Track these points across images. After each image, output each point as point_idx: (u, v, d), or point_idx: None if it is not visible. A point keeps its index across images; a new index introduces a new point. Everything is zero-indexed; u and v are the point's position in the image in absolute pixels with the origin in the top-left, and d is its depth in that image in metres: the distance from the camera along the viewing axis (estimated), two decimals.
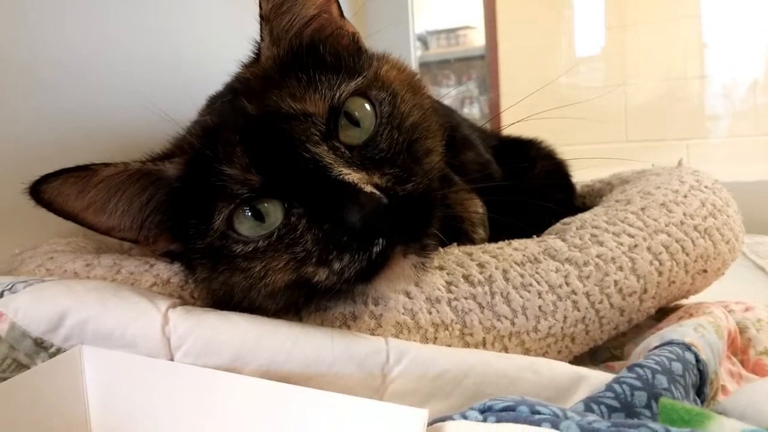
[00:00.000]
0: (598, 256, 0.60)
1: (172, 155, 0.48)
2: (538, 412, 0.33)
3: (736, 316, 0.63)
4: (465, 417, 0.34)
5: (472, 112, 3.23)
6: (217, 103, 0.53)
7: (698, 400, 0.49)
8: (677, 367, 0.47)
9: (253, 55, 0.54)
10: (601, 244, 0.61)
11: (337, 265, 0.43)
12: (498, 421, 0.33)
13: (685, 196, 0.68)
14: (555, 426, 0.32)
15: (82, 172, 0.44)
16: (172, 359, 0.43)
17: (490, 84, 2.79)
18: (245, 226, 0.45)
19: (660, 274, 0.61)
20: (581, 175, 1.07)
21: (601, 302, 0.58)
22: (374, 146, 0.48)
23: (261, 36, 0.51)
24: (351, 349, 0.44)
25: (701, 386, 0.49)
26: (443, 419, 0.34)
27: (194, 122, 0.54)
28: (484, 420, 0.33)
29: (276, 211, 0.44)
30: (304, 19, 0.52)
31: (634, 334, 0.65)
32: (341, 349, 0.43)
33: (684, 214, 0.65)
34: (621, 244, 0.61)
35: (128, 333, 0.43)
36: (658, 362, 0.47)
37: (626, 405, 0.44)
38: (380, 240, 0.43)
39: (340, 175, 0.43)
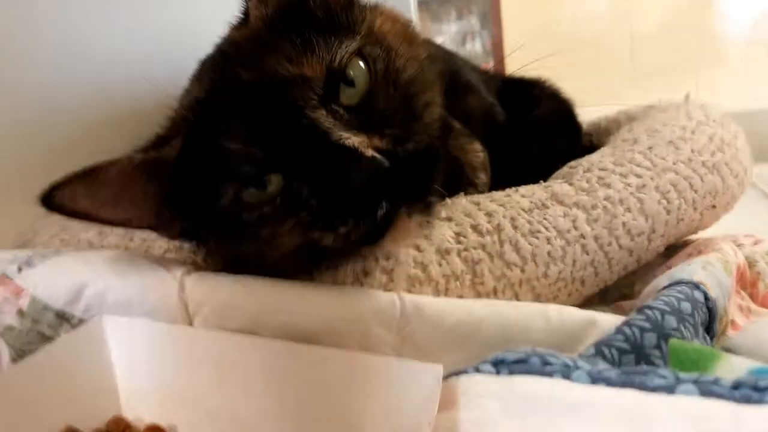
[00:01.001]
0: (605, 199, 0.60)
1: (171, 136, 0.47)
2: (549, 363, 0.34)
3: (745, 250, 0.64)
4: (479, 370, 0.35)
5: (475, 47, 3.17)
6: (209, 70, 0.51)
7: (707, 337, 0.50)
8: (686, 306, 0.48)
9: (242, 16, 0.52)
10: (608, 186, 0.61)
11: (343, 229, 0.44)
12: (511, 373, 0.34)
13: (693, 132, 0.67)
14: (566, 376, 0.33)
15: (89, 176, 0.44)
16: (191, 325, 0.44)
17: (492, 18, 2.73)
18: (248, 194, 0.44)
19: (668, 212, 0.62)
20: (586, 112, 1.06)
21: (609, 244, 0.58)
22: (371, 105, 0.47)
23: None
24: (365, 306, 0.44)
25: (710, 323, 0.50)
26: (457, 373, 0.35)
27: (186, 92, 0.52)
28: (498, 373, 0.34)
29: (278, 179, 0.44)
30: None
31: (644, 273, 0.65)
32: (356, 307, 0.44)
33: (692, 151, 0.65)
34: (629, 185, 0.61)
35: (146, 301, 0.44)
36: (667, 303, 0.47)
37: (636, 347, 0.45)
38: (384, 203, 0.43)
39: (341, 139, 0.42)
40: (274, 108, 0.43)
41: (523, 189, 0.62)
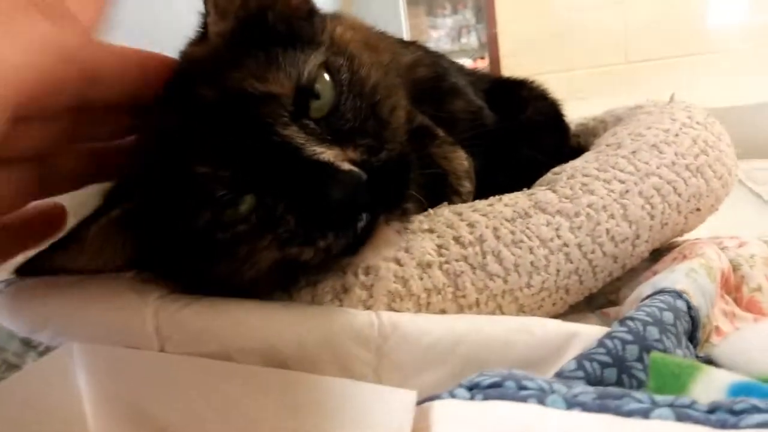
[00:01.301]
0: (589, 206, 0.59)
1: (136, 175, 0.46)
2: (525, 387, 0.33)
3: (729, 253, 0.63)
4: (453, 395, 0.34)
5: (470, 41, 3.17)
6: (169, 92, 0.47)
7: (691, 346, 0.49)
8: (668, 316, 0.47)
9: (200, 30, 0.50)
10: (591, 192, 0.60)
11: (322, 244, 0.43)
12: (485, 398, 0.33)
13: (677, 135, 0.67)
14: (541, 401, 0.32)
15: (69, 244, 0.44)
16: (162, 350, 0.43)
17: (486, 11, 2.72)
18: (223, 215, 0.43)
19: (652, 217, 0.61)
20: (578, 107, 1.05)
21: (593, 252, 0.58)
22: (339, 117, 0.47)
23: (206, 9, 0.47)
24: (342, 326, 0.44)
25: (694, 332, 0.50)
26: (432, 398, 0.35)
27: (150, 120, 0.47)
28: (472, 398, 0.34)
29: (251, 198, 0.43)
30: None
31: (629, 278, 0.65)
32: (333, 327, 0.44)
33: (675, 154, 0.64)
34: (612, 191, 0.61)
35: (116, 327, 0.44)
36: (649, 313, 0.47)
37: (618, 360, 0.44)
38: (363, 215, 0.43)
39: (315, 154, 0.42)
40: (243, 127, 0.42)
41: (507, 198, 0.61)
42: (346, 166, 0.42)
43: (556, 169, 0.66)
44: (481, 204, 0.60)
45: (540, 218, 0.58)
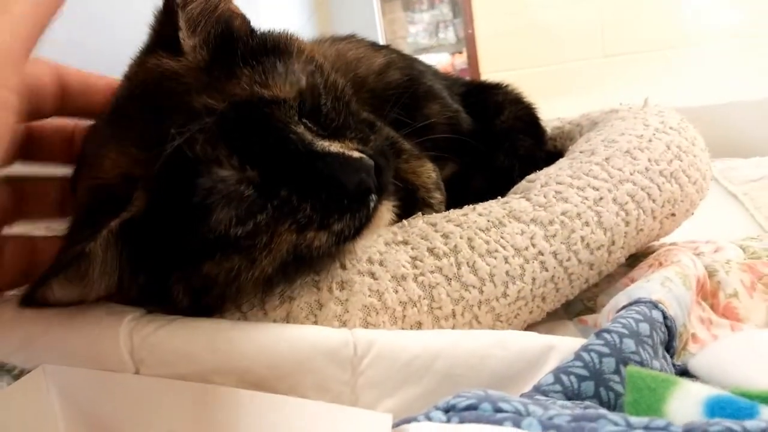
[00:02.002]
0: (563, 214, 0.59)
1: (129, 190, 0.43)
2: (501, 409, 0.33)
3: (705, 259, 0.64)
4: (429, 418, 0.34)
5: (447, 36, 3.16)
6: (151, 103, 0.46)
7: (668, 356, 0.49)
8: (644, 327, 0.47)
9: (157, 46, 0.49)
10: (566, 200, 0.60)
11: (337, 227, 0.47)
12: (461, 421, 0.33)
13: (650, 141, 0.67)
14: (517, 424, 0.32)
15: (67, 268, 0.41)
16: (137, 373, 0.42)
17: (463, 7, 2.72)
18: (246, 211, 0.44)
19: (627, 224, 0.61)
20: (557, 102, 1.05)
21: (569, 260, 0.58)
22: (326, 116, 0.50)
23: (178, 25, 0.47)
24: (317, 346, 0.43)
25: (670, 341, 0.50)
26: (407, 420, 0.34)
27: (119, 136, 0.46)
28: (448, 420, 0.33)
29: (275, 191, 0.45)
30: (212, 3, 0.50)
31: (607, 285, 0.65)
32: (307, 347, 0.43)
33: (649, 160, 0.65)
34: (586, 198, 0.61)
35: (90, 349, 0.42)
36: (624, 325, 0.47)
37: (595, 373, 0.44)
38: (373, 196, 0.48)
39: (326, 147, 0.46)
40: (255, 129, 0.44)
41: (480, 207, 0.61)
42: (356, 154, 0.47)
43: (531, 177, 0.66)
44: (455, 214, 0.60)
45: (514, 227, 0.58)
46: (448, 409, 0.34)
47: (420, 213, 0.61)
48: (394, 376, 0.44)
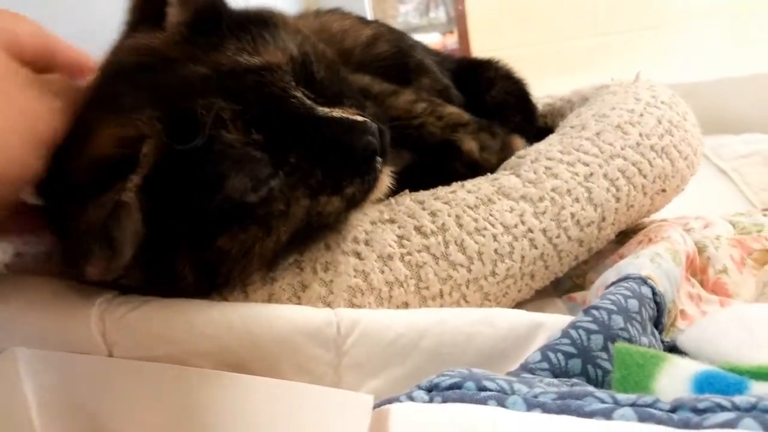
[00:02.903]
0: (553, 190, 0.58)
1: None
2: (485, 388, 0.32)
3: (695, 235, 0.63)
4: (411, 398, 0.33)
5: (438, 15, 3.13)
6: (136, 76, 0.44)
7: (656, 332, 0.49)
8: (633, 304, 0.46)
9: (140, 23, 0.48)
10: (556, 176, 0.59)
11: (349, 191, 0.47)
12: (444, 401, 0.32)
13: (641, 115, 0.66)
14: (501, 403, 0.31)
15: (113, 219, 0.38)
16: (111, 355, 0.41)
17: None
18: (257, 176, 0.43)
19: (618, 200, 0.60)
20: (550, 81, 1.03)
21: (558, 237, 0.57)
22: (320, 84, 0.49)
23: (168, 1, 0.46)
24: (299, 325, 0.42)
25: (659, 317, 0.49)
26: (390, 400, 0.33)
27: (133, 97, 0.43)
28: (431, 400, 0.33)
29: (283, 156, 0.44)
30: None
31: (596, 262, 0.64)
32: (289, 326, 0.42)
33: (640, 135, 0.64)
34: (576, 174, 0.60)
35: (62, 331, 0.41)
36: (613, 302, 0.46)
37: (583, 350, 0.43)
38: (379, 159, 0.48)
39: (328, 113, 0.46)
40: (255, 95, 0.43)
41: (469, 184, 0.60)
42: (359, 118, 0.47)
43: (520, 153, 0.65)
44: (443, 191, 0.59)
45: (503, 204, 0.57)
46: (431, 389, 0.34)
47: (407, 190, 0.59)
48: (378, 355, 0.43)
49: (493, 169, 0.65)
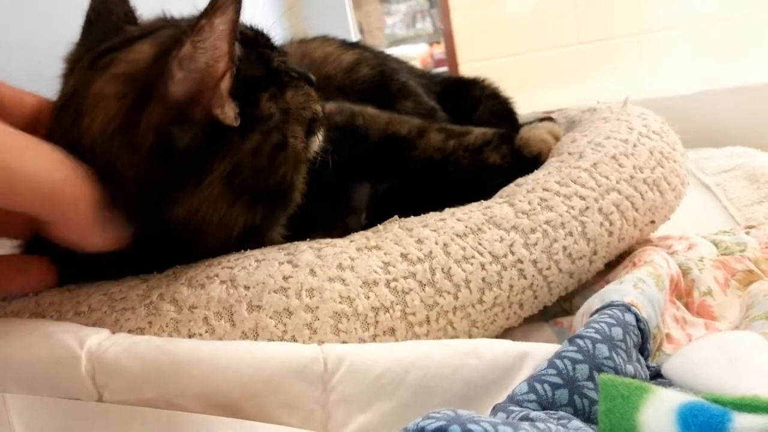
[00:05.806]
0: (546, 222, 0.58)
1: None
2: (470, 431, 0.32)
3: (678, 257, 0.64)
4: None
5: (425, 26, 3.15)
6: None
7: (641, 358, 0.49)
8: (617, 332, 0.47)
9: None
10: (551, 209, 0.59)
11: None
12: None
13: (635, 146, 0.67)
14: None
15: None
16: (101, 399, 0.41)
17: None
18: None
19: (610, 234, 0.61)
20: (535, 92, 1.04)
21: (549, 268, 0.57)
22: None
23: None
24: (286, 363, 0.42)
25: (644, 343, 0.50)
26: None
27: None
28: None
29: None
30: None
31: (582, 287, 0.65)
32: (277, 365, 0.42)
33: (634, 168, 0.64)
34: (572, 207, 0.60)
35: (52, 375, 0.41)
36: (597, 330, 0.47)
37: (569, 380, 0.44)
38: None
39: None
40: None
41: (460, 211, 0.60)
42: None
43: (519, 180, 0.65)
44: (432, 219, 0.59)
45: (494, 233, 0.57)
46: None
47: (396, 216, 0.60)
48: (366, 390, 0.43)
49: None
